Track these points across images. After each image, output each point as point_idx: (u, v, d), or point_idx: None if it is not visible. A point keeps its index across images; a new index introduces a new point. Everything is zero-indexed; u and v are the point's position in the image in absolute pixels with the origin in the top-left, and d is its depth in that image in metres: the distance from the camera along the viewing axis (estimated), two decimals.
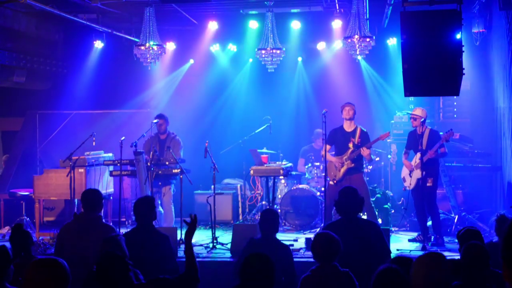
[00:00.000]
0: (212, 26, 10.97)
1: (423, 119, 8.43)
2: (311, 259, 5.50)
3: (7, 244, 4.29)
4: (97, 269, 3.84)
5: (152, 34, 9.14)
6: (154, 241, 5.44)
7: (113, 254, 3.93)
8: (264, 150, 10.38)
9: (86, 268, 4.90)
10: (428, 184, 8.30)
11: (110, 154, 9.64)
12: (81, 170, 8.99)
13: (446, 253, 7.55)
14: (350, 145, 8.57)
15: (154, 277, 4.22)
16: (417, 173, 8.42)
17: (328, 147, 8.65)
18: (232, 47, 11.73)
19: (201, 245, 8.41)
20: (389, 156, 10.38)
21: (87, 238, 5.56)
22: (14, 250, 4.95)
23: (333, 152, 8.84)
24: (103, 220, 5.98)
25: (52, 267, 3.13)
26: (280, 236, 6.60)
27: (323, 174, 8.72)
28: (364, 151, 8.44)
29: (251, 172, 9.04)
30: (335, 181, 8.57)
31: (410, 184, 8.54)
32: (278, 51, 9.46)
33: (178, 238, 8.24)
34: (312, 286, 4.41)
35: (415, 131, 8.59)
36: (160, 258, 5.39)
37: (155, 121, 9.17)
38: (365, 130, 8.71)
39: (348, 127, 8.69)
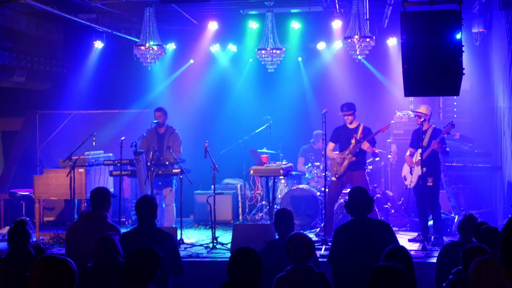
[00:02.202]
0: (212, 26, 10.96)
1: (423, 119, 8.43)
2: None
3: (6, 245, 4.28)
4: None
5: (152, 34, 9.14)
6: (155, 240, 5.40)
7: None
8: (264, 150, 10.38)
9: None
10: (428, 184, 8.30)
11: (110, 154, 9.64)
12: (81, 170, 8.99)
13: None
14: (353, 140, 8.61)
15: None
16: (418, 170, 8.42)
17: (332, 145, 8.72)
18: (232, 47, 11.72)
19: (201, 245, 8.41)
20: (389, 156, 10.39)
21: (91, 236, 5.50)
22: (10, 246, 4.90)
23: (337, 152, 8.86)
24: (108, 220, 5.90)
25: (60, 267, 3.02)
26: None
27: (323, 173, 8.73)
28: (364, 144, 8.46)
29: (251, 172, 9.04)
30: (337, 176, 8.59)
31: (411, 182, 8.54)
32: (278, 51, 9.46)
33: (178, 238, 8.26)
34: (286, 286, 4.42)
35: (420, 129, 8.55)
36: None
37: (155, 121, 9.17)
38: (368, 127, 8.75)
39: (350, 124, 8.74)
